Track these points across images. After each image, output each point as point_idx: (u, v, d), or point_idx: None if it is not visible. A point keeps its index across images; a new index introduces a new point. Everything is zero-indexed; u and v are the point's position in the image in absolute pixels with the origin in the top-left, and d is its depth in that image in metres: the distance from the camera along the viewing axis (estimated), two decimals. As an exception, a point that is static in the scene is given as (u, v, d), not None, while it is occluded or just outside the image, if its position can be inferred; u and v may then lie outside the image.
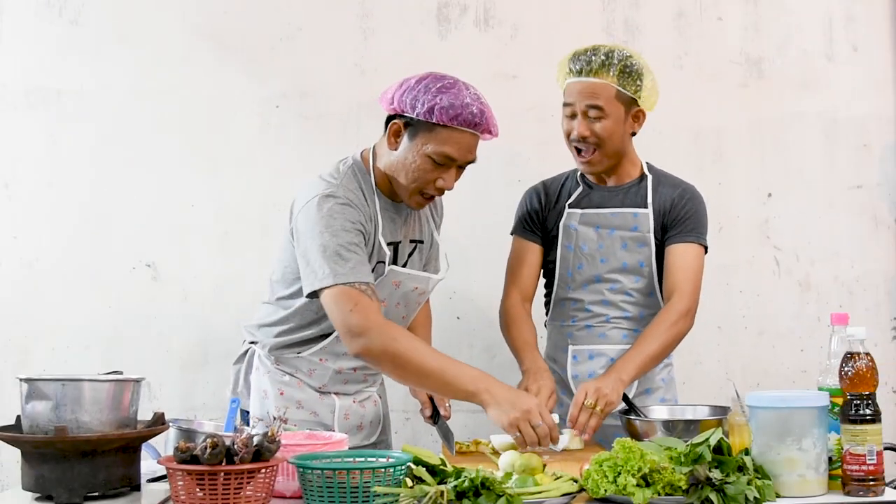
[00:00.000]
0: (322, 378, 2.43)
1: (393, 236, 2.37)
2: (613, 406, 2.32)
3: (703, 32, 3.48)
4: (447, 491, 1.63)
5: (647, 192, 2.60)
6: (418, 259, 2.47)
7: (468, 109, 2.23)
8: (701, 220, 2.61)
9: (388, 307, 2.37)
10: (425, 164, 2.25)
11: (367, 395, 2.53)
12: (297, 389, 2.42)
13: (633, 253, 2.58)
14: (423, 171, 2.26)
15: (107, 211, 3.21)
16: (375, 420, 2.55)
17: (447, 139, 2.24)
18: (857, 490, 1.80)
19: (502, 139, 3.34)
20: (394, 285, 2.38)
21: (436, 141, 2.24)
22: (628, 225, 2.59)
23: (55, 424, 1.77)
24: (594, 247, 2.59)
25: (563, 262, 2.62)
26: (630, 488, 1.71)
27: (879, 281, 3.49)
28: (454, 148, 2.25)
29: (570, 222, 2.62)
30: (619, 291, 2.59)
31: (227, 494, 1.66)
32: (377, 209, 2.32)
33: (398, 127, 2.27)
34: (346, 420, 2.45)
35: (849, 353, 1.84)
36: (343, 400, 2.46)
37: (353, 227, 2.21)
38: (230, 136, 3.28)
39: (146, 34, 3.26)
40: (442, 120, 2.22)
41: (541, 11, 3.42)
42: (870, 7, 3.54)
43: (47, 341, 3.17)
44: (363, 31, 3.35)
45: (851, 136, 3.51)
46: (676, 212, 2.59)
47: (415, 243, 2.45)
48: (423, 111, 2.22)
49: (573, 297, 2.62)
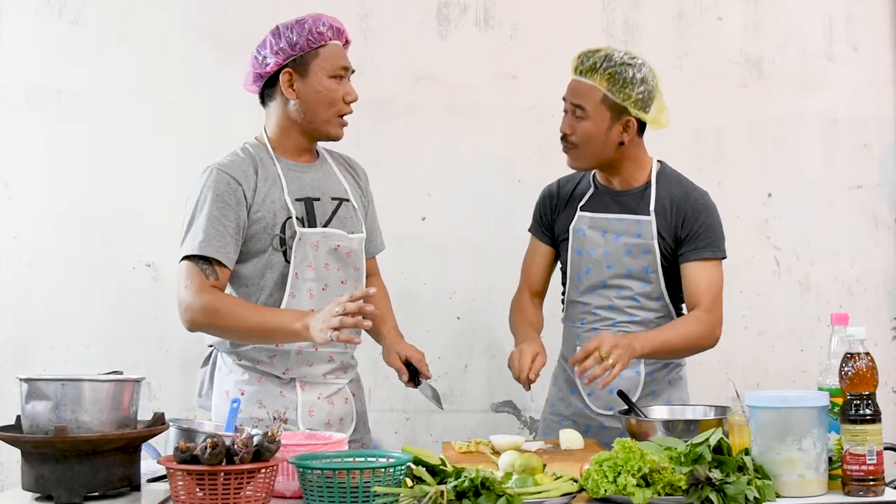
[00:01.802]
0: (284, 362, 2.39)
1: (302, 193, 2.43)
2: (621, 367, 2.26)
3: (703, 32, 3.49)
4: (447, 491, 1.64)
5: (652, 197, 2.58)
6: (347, 216, 2.48)
7: (330, 24, 2.44)
8: (716, 231, 2.56)
9: (317, 270, 2.39)
10: (331, 84, 2.41)
11: (335, 388, 2.46)
12: (259, 386, 2.39)
13: (638, 259, 2.57)
14: (332, 92, 2.41)
15: (107, 211, 3.21)
16: (347, 417, 2.49)
17: (332, 55, 2.42)
18: (857, 490, 1.80)
19: (502, 139, 3.37)
20: (312, 246, 2.39)
21: (327, 62, 2.41)
22: (632, 231, 2.57)
23: (55, 424, 1.77)
24: (600, 252, 2.58)
25: (572, 265, 2.62)
26: (630, 488, 1.71)
27: (879, 281, 3.49)
28: (341, 58, 2.44)
29: (579, 226, 2.62)
30: (626, 297, 2.57)
31: (227, 494, 1.66)
32: (279, 171, 2.42)
33: (289, 74, 2.41)
34: (310, 417, 2.40)
35: (849, 353, 1.84)
36: (307, 395, 2.41)
37: (225, 199, 2.33)
38: (230, 136, 3.27)
39: (146, 34, 3.27)
40: (322, 41, 2.41)
41: (541, 11, 3.42)
42: (870, 7, 3.54)
43: (47, 341, 3.17)
44: (363, 31, 3.36)
45: (851, 136, 3.52)
46: (689, 225, 2.54)
47: (338, 200, 2.48)
48: (303, 43, 2.39)
49: (582, 300, 2.62)
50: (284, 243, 2.37)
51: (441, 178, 3.35)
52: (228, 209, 2.33)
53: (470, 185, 3.26)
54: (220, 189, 2.34)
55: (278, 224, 2.37)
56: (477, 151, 3.36)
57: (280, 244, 2.37)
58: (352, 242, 2.47)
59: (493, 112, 3.34)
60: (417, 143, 3.35)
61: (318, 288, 2.40)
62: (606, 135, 2.52)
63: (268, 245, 2.38)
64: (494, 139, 3.36)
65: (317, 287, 2.40)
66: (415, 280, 3.31)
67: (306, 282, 2.39)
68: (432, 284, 3.30)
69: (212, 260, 2.31)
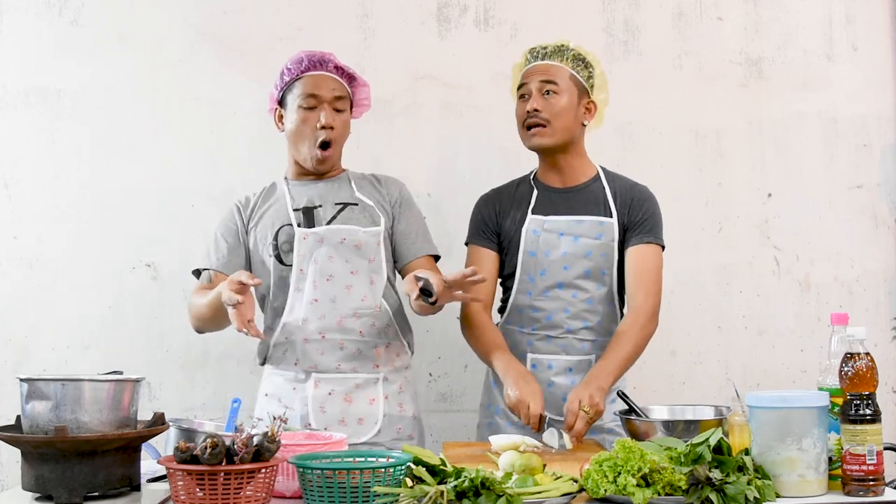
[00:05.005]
0: (293, 353, 2.53)
1: (304, 203, 2.58)
2: (601, 414, 2.36)
3: (703, 32, 3.48)
4: (447, 491, 1.64)
5: (607, 197, 2.63)
6: (352, 216, 2.57)
7: (297, 59, 2.61)
8: (658, 220, 2.65)
9: (319, 264, 2.50)
10: (301, 115, 2.57)
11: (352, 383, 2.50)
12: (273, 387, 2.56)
13: (597, 260, 2.59)
14: (303, 121, 2.56)
15: (107, 211, 3.21)
16: (370, 419, 2.50)
17: (303, 85, 2.58)
18: (857, 490, 1.80)
19: (502, 139, 3.36)
20: (316, 242, 2.52)
21: (298, 93, 2.58)
22: (593, 233, 2.60)
23: (55, 424, 1.77)
24: (558, 253, 2.59)
25: (524, 267, 2.61)
26: (630, 488, 1.71)
27: (879, 281, 3.49)
28: (312, 87, 2.57)
29: (533, 228, 2.62)
30: (582, 299, 2.59)
31: (227, 494, 1.66)
32: (286, 189, 2.63)
33: (278, 111, 2.65)
34: (322, 413, 2.47)
35: (849, 353, 1.85)
36: (319, 390, 2.49)
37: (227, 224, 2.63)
38: (230, 136, 3.28)
39: (146, 34, 3.26)
40: (291, 76, 2.60)
41: (541, 11, 3.42)
42: (870, 7, 3.54)
43: (47, 341, 3.17)
44: (363, 31, 3.36)
45: (851, 136, 3.52)
46: (634, 213, 2.62)
47: (342, 204, 2.59)
48: (280, 84, 2.63)
49: (534, 304, 2.61)
50: (277, 248, 2.53)
51: (441, 178, 3.35)
52: (228, 231, 2.62)
53: (470, 185, 3.25)
54: (226, 216, 2.66)
55: (272, 233, 2.55)
56: (477, 151, 3.36)
57: (273, 250, 2.53)
58: (364, 236, 2.54)
59: (493, 112, 3.33)
60: (417, 143, 3.35)
61: (322, 280, 2.51)
62: (576, 111, 2.63)
63: (264, 254, 2.55)
64: (494, 139, 3.35)
65: (321, 279, 2.51)
66: (415, 280, 3.31)
67: (309, 275, 2.51)
68: (432, 284, 3.30)
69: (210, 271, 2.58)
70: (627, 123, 3.39)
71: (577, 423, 2.30)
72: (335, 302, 2.50)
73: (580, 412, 2.31)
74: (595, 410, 2.32)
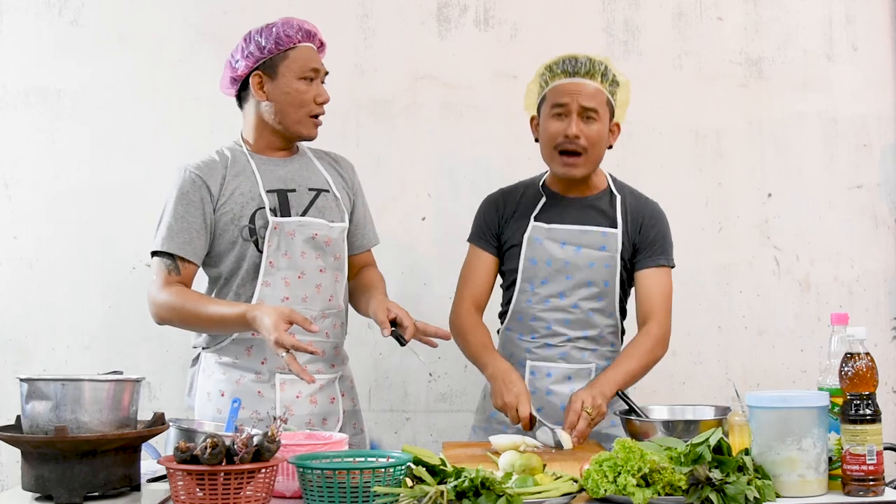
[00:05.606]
0: (261, 352, 2.41)
1: (276, 184, 2.46)
2: (603, 416, 2.36)
3: (703, 32, 3.48)
4: (447, 491, 1.64)
5: (617, 210, 2.60)
6: (326, 206, 2.50)
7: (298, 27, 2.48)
8: (669, 240, 2.62)
9: (292, 258, 2.41)
10: (300, 86, 2.45)
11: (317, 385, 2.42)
12: (237, 387, 2.41)
13: (599, 272, 2.56)
14: (302, 93, 2.45)
15: (107, 211, 3.21)
16: (332, 417, 2.48)
17: (301, 57, 2.46)
18: (857, 490, 1.80)
19: (502, 139, 3.37)
20: (288, 235, 2.42)
21: (296, 63, 2.45)
22: (597, 244, 2.57)
23: (55, 424, 1.77)
24: (560, 263, 2.56)
25: (525, 275, 2.59)
26: (630, 488, 1.71)
27: (879, 281, 3.49)
28: (311, 60, 2.47)
29: (536, 235, 2.59)
30: (582, 310, 2.57)
31: (227, 494, 1.66)
32: (253, 167, 2.46)
33: (259, 77, 2.46)
34: (290, 415, 2.38)
35: (849, 353, 1.84)
36: (286, 393, 2.41)
37: (189, 196, 2.40)
38: (230, 136, 3.27)
39: (146, 34, 3.26)
40: (290, 44, 2.45)
41: (541, 11, 3.42)
42: (870, 7, 3.54)
43: (47, 341, 3.17)
44: (363, 31, 3.36)
45: (851, 136, 3.52)
46: (646, 233, 2.58)
47: (315, 191, 2.51)
48: (272, 46, 2.44)
49: (535, 313, 2.59)
50: (255, 233, 2.41)
51: (441, 178, 3.35)
52: (192, 206, 2.40)
53: (470, 185, 3.25)
54: (185, 188, 2.41)
55: (246, 215, 2.41)
56: (477, 151, 3.36)
57: (250, 234, 2.41)
58: (331, 231, 2.49)
59: (493, 112, 3.34)
60: (417, 143, 3.35)
61: (293, 276, 2.43)
62: (606, 136, 2.57)
63: (237, 236, 2.42)
64: (494, 139, 3.35)
65: (292, 275, 2.42)
66: (415, 280, 3.31)
67: (280, 270, 2.42)
68: (432, 284, 3.30)
69: (175, 256, 2.39)
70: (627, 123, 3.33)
71: (580, 423, 2.30)
72: (306, 301, 2.43)
73: (583, 412, 2.31)
74: (598, 412, 2.32)
